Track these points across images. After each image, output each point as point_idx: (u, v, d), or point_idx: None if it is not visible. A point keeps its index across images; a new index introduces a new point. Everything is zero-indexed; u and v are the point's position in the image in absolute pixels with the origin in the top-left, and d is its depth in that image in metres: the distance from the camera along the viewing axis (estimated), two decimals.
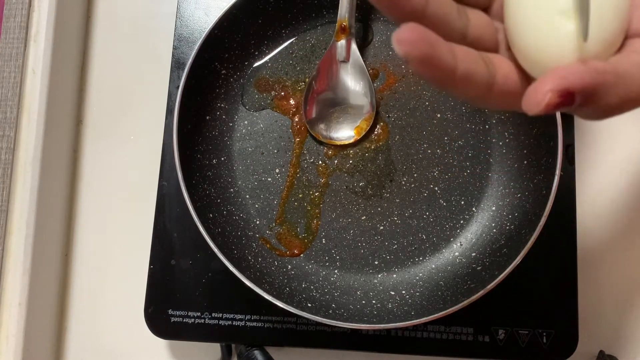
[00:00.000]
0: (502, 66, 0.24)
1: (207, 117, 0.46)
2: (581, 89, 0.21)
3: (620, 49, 0.23)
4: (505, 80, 0.24)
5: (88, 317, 0.49)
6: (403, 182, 0.46)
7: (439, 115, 0.46)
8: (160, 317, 0.44)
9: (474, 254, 0.43)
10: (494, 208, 0.44)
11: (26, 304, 0.44)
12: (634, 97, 0.22)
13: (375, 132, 0.46)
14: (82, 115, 0.52)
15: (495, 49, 0.26)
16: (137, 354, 0.48)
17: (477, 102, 0.24)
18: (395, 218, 0.45)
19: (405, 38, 0.20)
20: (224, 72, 0.46)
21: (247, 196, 0.46)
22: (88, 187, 0.50)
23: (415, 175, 0.46)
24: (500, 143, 0.45)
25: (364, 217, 0.45)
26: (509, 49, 0.26)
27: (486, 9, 0.27)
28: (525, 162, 0.44)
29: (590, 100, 0.22)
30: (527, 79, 0.24)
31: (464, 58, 0.22)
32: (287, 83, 0.47)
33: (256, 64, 0.47)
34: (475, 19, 0.25)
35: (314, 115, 0.46)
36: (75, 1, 0.51)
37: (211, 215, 0.43)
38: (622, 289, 0.47)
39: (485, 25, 0.25)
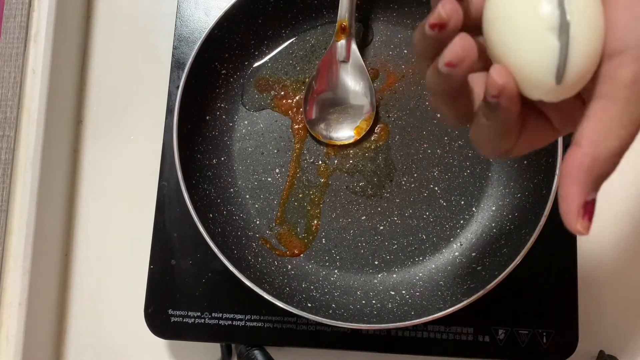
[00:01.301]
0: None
1: (207, 117, 0.46)
2: (587, 191, 0.24)
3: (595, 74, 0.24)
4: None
5: (88, 317, 0.49)
6: (403, 182, 0.46)
7: (439, 115, 0.46)
8: (160, 317, 0.44)
9: (474, 254, 0.43)
10: (494, 208, 0.44)
11: (26, 303, 0.44)
12: (614, 153, 0.24)
13: (375, 132, 0.46)
14: (82, 115, 0.52)
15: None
16: (137, 354, 0.48)
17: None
18: (395, 218, 0.45)
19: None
20: (224, 72, 0.46)
21: (247, 196, 0.46)
22: (88, 187, 0.50)
23: (415, 175, 0.46)
24: None
25: (364, 217, 0.45)
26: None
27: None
28: (525, 162, 0.44)
29: (598, 182, 0.24)
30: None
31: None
32: (287, 83, 0.47)
33: (256, 64, 0.47)
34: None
35: (314, 115, 0.46)
36: (76, 1, 0.51)
37: (211, 215, 0.43)
38: (622, 289, 0.47)
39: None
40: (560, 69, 0.23)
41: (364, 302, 0.43)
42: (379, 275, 0.44)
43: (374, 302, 0.43)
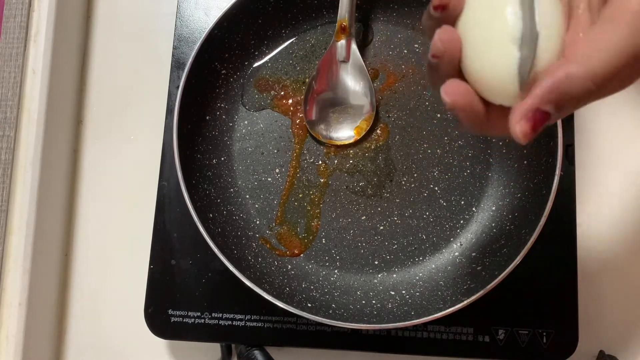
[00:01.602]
0: None
1: (207, 117, 0.46)
2: (543, 100, 0.23)
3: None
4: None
5: (88, 317, 0.49)
6: (403, 182, 0.45)
7: (439, 115, 0.46)
8: (160, 317, 0.44)
9: (474, 254, 0.43)
10: (494, 208, 0.44)
11: (26, 303, 0.44)
12: (601, 72, 0.23)
13: (375, 132, 0.46)
14: (82, 115, 0.52)
15: None
16: (137, 354, 0.48)
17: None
18: (395, 218, 0.45)
19: (451, 91, 0.25)
20: (224, 72, 0.46)
21: (247, 196, 0.46)
22: (88, 187, 0.50)
23: (415, 175, 0.46)
24: (500, 143, 0.45)
25: (364, 217, 0.45)
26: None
27: None
28: (525, 162, 0.44)
29: (568, 101, 0.23)
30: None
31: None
32: (287, 83, 0.47)
33: (256, 64, 0.47)
34: None
35: (314, 115, 0.46)
36: (76, 1, 0.51)
37: (211, 215, 0.43)
38: (622, 289, 0.47)
39: None
40: (524, 79, 0.24)
41: (364, 302, 0.43)
42: (379, 275, 0.44)
43: (374, 302, 0.43)
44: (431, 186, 0.45)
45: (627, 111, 0.49)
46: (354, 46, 0.45)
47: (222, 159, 0.46)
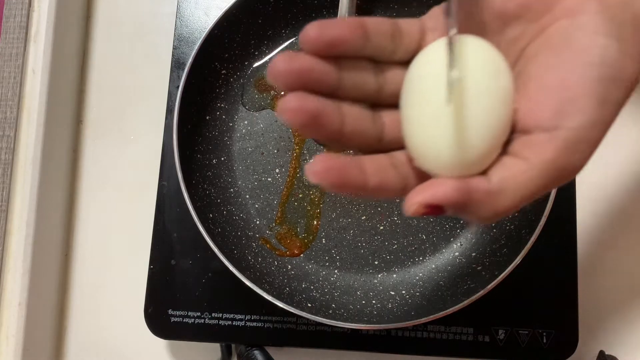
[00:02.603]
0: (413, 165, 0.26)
1: (207, 117, 0.46)
2: (448, 204, 0.23)
3: (507, 144, 0.24)
4: (418, 180, 0.25)
5: (88, 317, 0.49)
6: None
7: None
8: (160, 317, 0.44)
9: (474, 254, 0.43)
10: None
11: (26, 304, 0.44)
12: (505, 211, 0.24)
13: None
14: (82, 115, 0.52)
15: None
16: (137, 354, 0.48)
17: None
18: (395, 218, 0.45)
19: (316, 171, 0.23)
20: (224, 72, 0.46)
21: (247, 196, 0.46)
22: (88, 187, 0.50)
23: None
24: None
25: (364, 217, 0.45)
26: None
27: None
28: None
29: (462, 212, 0.23)
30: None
31: (374, 171, 0.24)
32: None
33: (256, 64, 0.47)
34: (390, 121, 0.26)
35: None
36: (75, 1, 0.51)
37: (211, 215, 0.43)
38: (622, 289, 0.47)
39: (400, 125, 0.26)
40: (456, 153, 0.23)
41: (364, 302, 0.43)
42: (379, 275, 0.44)
43: (374, 302, 0.43)
44: None
45: (628, 111, 0.49)
46: None
47: (222, 159, 0.46)
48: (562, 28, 0.24)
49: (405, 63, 0.27)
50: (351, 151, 0.26)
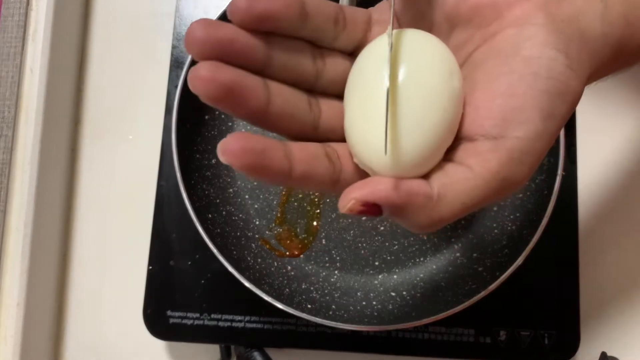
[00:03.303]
0: (350, 160, 0.25)
1: (206, 117, 0.45)
2: (386, 205, 0.22)
3: (452, 150, 0.24)
4: (353, 176, 0.24)
5: (86, 318, 0.48)
6: None
7: None
8: (159, 318, 0.44)
9: (475, 255, 0.43)
10: (495, 208, 0.44)
11: (24, 304, 0.44)
12: (443, 219, 0.23)
13: None
14: (80, 114, 0.51)
15: None
16: (136, 355, 0.47)
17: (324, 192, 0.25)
18: None
19: (229, 149, 0.21)
20: None
21: (247, 196, 0.45)
22: (86, 187, 0.50)
23: None
24: None
25: (364, 217, 0.45)
26: None
27: None
28: None
29: (399, 216, 0.22)
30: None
31: (303, 158, 0.22)
32: None
33: None
34: (328, 109, 0.25)
35: None
36: (74, 0, 0.51)
37: (210, 215, 0.43)
38: (624, 290, 0.47)
39: (339, 115, 0.25)
40: (396, 152, 0.23)
41: (364, 303, 0.42)
42: (380, 276, 0.44)
43: (374, 303, 0.42)
44: None
45: (628, 111, 0.49)
46: None
47: None
48: (510, 37, 0.24)
49: (350, 54, 0.26)
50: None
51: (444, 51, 0.24)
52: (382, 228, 0.45)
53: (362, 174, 0.24)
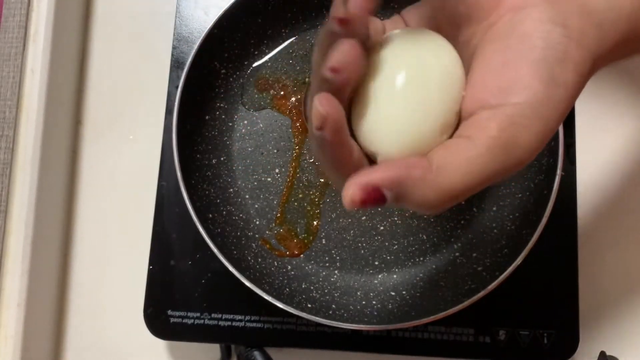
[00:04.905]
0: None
1: (207, 117, 0.45)
2: (384, 183, 0.22)
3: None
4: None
5: (87, 318, 0.48)
6: None
7: None
8: (160, 318, 0.44)
9: (474, 255, 0.43)
10: (494, 208, 0.44)
11: (25, 304, 0.44)
12: (450, 191, 0.23)
13: None
14: (81, 115, 0.52)
15: None
16: (137, 354, 0.47)
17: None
18: (396, 218, 0.45)
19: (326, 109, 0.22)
20: (223, 71, 0.46)
21: (247, 196, 0.46)
22: (87, 187, 0.50)
23: None
24: None
25: (364, 217, 0.45)
26: None
27: None
28: None
29: (403, 196, 0.22)
30: None
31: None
32: (287, 83, 0.47)
33: (256, 64, 0.47)
34: None
35: None
36: (75, 1, 0.51)
37: (211, 215, 0.43)
38: (623, 290, 0.47)
39: None
40: (397, 138, 0.24)
41: (364, 302, 0.42)
42: (379, 276, 0.44)
43: (374, 302, 0.42)
44: None
45: (628, 111, 0.49)
46: None
47: (222, 159, 0.46)
48: (507, 21, 0.24)
49: None
50: None
51: (446, 45, 0.26)
52: (381, 228, 0.45)
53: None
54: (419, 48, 0.25)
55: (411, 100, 0.24)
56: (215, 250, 0.39)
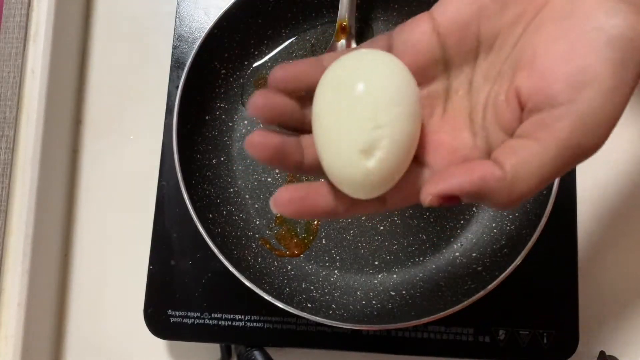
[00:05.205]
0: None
1: (207, 117, 0.46)
2: (462, 195, 0.23)
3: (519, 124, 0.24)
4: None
5: (87, 318, 0.49)
6: None
7: None
8: (160, 318, 0.44)
9: (474, 254, 0.43)
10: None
11: (25, 304, 0.44)
12: (522, 196, 0.23)
13: None
14: (81, 115, 0.52)
15: None
16: (137, 354, 0.48)
17: None
18: (396, 218, 0.45)
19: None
20: (223, 71, 0.46)
21: (247, 196, 0.46)
22: (87, 187, 0.50)
23: None
24: None
25: (364, 217, 0.45)
26: None
27: None
28: None
29: (478, 200, 0.23)
30: None
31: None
32: None
33: (256, 64, 0.47)
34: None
35: None
36: (75, 1, 0.51)
37: (211, 215, 0.43)
38: (622, 289, 0.47)
39: None
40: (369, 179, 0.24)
41: (364, 302, 0.42)
42: (379, 276, 0.44)
43: (374, 302, 0.42)
44: None
45: (628, 112, 0.49)
46: (354, 46, 0.45)
47: (222, 159, 0.46)
48: (562, 1, 0.23)
49: None
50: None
51: (402, 68, 0.26)
52: (381, 228, 0.45)
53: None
54: (370, 73, 0.25)
55: (368, 134, 0.24)
56: (215, 250, 0.39)
